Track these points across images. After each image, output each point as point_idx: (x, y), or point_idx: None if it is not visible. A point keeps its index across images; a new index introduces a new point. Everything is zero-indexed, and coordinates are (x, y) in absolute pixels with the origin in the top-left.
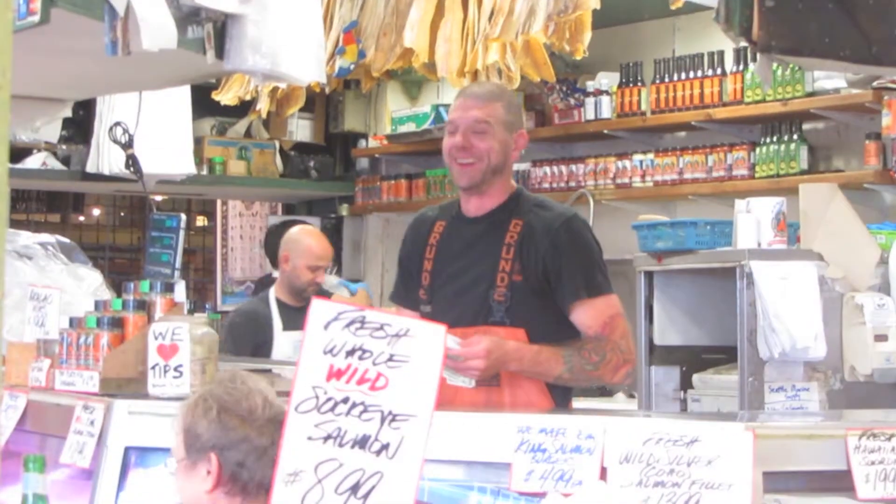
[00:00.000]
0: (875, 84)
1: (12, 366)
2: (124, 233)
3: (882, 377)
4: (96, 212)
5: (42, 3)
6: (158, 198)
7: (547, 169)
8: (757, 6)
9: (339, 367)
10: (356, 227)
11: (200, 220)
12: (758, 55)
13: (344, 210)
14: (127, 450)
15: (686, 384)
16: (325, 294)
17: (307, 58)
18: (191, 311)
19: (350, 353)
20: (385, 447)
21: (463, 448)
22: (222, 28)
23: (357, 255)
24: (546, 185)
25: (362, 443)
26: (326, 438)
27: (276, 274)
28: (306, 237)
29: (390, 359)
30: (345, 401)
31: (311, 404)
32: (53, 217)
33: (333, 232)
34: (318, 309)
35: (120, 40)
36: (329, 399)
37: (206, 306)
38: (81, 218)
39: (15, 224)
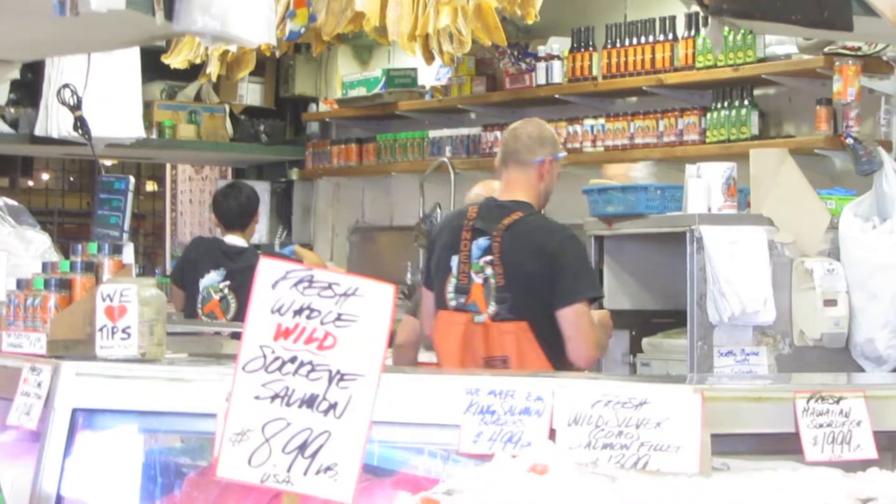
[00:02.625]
0: (826, 49)
1: None
2: (73, 197)
3: (831, 342)
4: (45, 176)
5: None
6: (108, 163)
7: (497, 133)
8: None
9: (287, 326)
10: (306, 191)
11: (150, 186)
12: (709, 19)
13: (294, 174)
14: (75, 411)
15: (635, 348)
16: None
17: (257, 20)
18: (140, 276)
19: (298, 312)
20: (333, 406)
21: (412, 410)
22: None
23: (307, 219)
24: (496, 150)
25: (310, 402)
26: (274, 398)
27: (234, 241)
28: None
29: (338, 318)
30: (292, 360)
31: (259, 364)
32: (2, 181)
33: (283, 196)
34: (266, 268)
35: (68, 0)
36: (277, 358)
37: (156, 271)
38: (30, 182)
39: None
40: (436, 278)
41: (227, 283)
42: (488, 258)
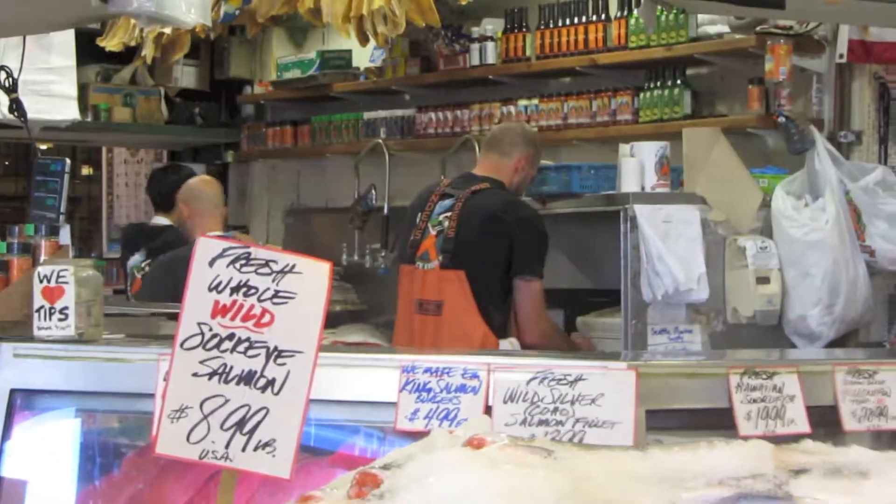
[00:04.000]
0: (758, 29)
1: None
2: (8, 182)
3: (764, 319)
4: None
5: None
6: (44, 147)
7: (432, 115)
8: None
9: (225, 303)
10: (241, 173)
11: (86, 170)
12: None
13: (229, 157)
14: (13, 392)
15: (570, 327)
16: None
17: (192, 1)
18: (77, 258)
19: (235, 289)
20: (271, 383)
21: (349, 388)
22: None
23: (242, 201)
24: (431, 131)
25: (248, 379)
26: (212, 375)
27: (158, 220)
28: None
29: (276, 295)
30: (230, 337)
31: (197, 341)
32: None
33: (219, 179)
34: (204, 245)
35: None
36: (215, 336)
37: (92, 254)
38: None
39: None
40: (402, 236)
41: (148, 261)
42: (448, 213)
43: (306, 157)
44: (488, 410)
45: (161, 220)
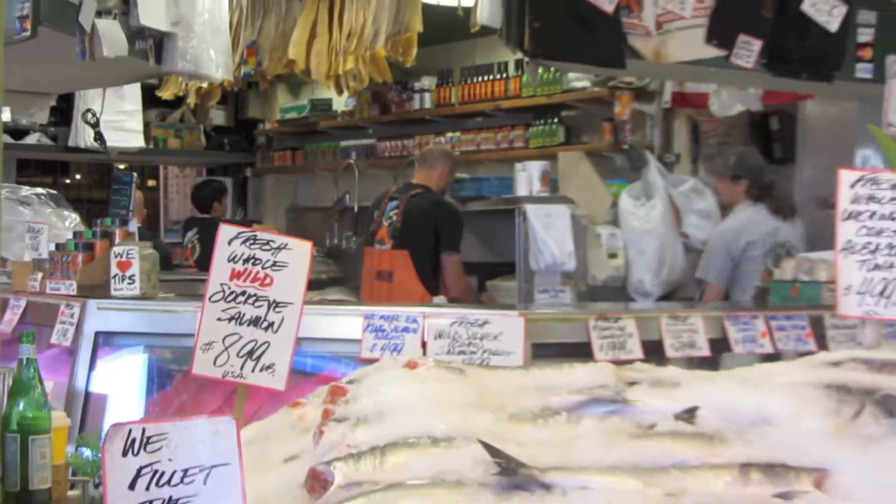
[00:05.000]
0: (609, 83)
1: (16, 278)
2: (95, 190)
3: (613, 282)
4: (77, 176)
5: (31, 23)
6: (121, 166)
7: (388, 143)
8: (527, 27)
9: (239, 270)
10: (257, 184)
11: (150, 182)
12: (528, 62)
13: (248, 172)
14: (97, 333)
15: (482, 288)
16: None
17: (220, 63)
18: (140, 241)
19: (246, 260)
20: (271, 325)
21: (329, 330)
22: (160, 42)
23: (257, 203)
24: (387, 154)
25: (255, 322)
26: (230, 319)
27: (202, 215)
28: None
29: (274, 264)
30: (243, 293)
31: (220, 296)
32: (46, 180)
33: (241, 188)
34: (225, 230)
35: (87, 50)
36: (232, 292)
37: (154, 239)
38: (67, 180)
39: (18, 184)
40: (364, 226)
41: (196, 237)
42: (395, 211)
43: (301, 172)
44: (424, 345)
45: (202, 215)
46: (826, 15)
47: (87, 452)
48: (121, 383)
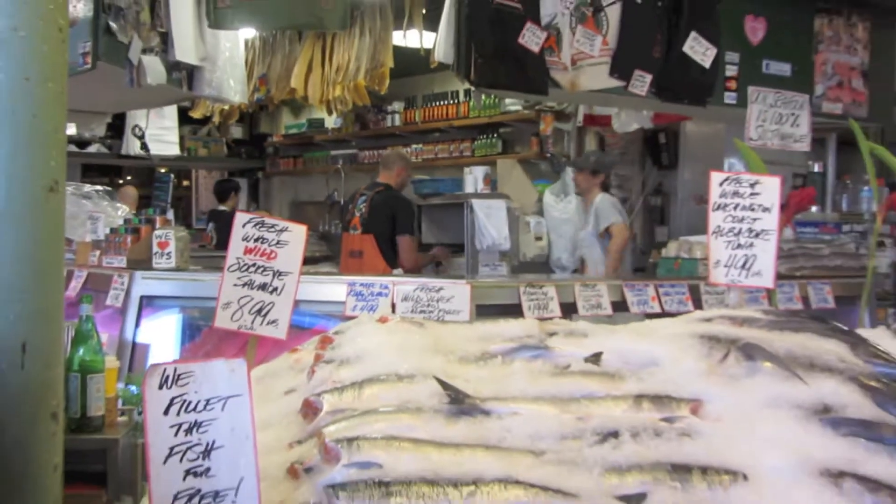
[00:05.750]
0: (536, 107)
1: (79, 255)
2: (142, 189)
3: (538, 259)
4: (128, 177)
5: (92, 58)
6: (163, 170)
7: (367, 152)
8: (473, 63)
9: (250, 247)
10: (266, 184)
11: (185, 182)
12: (473, 90)
13: (260, 175)
14: (141, 297)
15: (439, 264)
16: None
17: (237, 90)
18: (176, 226)
19: (256, 239)
20: (275, 289)
21: (322, 295)
22: (191, 73)
23: (267, 199)
24: (366, 162)
25: (263, 287)
26: (244, 285)
27: (220, 207)
28: None
29: (277, 243)
30: (254, 265)
31: (236, 267)
32: (104, 180)
33: (254, 187)
34: (240, 217)
35: (135, 79)
36: (245, 264)
37: (186, 225)
38: (119, 181)
39: (82, 183)
40: (342, 217)
41: (214, 226)
42: (364, 204)
43: (300, 175)
44: (393, 306)
45: (221, 207)
46: (701, 55)
47: (133, 388)
48: (159, 335)
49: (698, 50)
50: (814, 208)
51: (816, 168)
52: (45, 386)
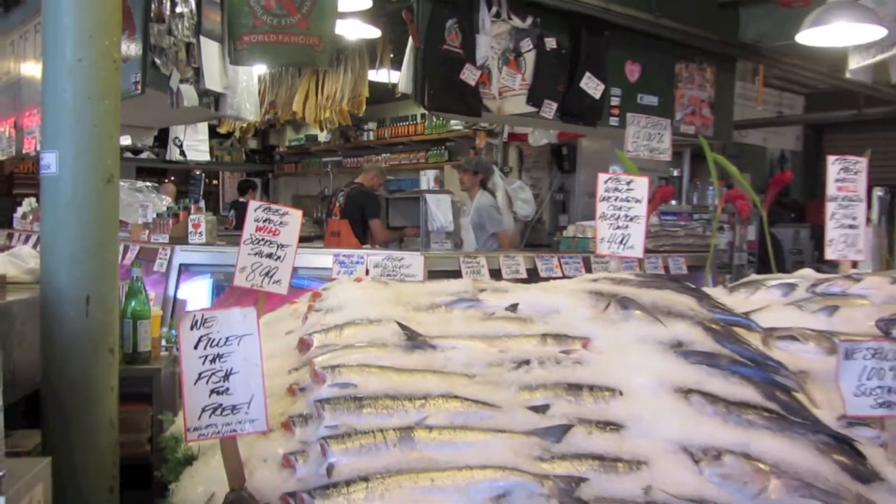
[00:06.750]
0: (473, 127)
1: (133, 233)
2: (181, 185)
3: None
4: (171, 176)
5: (141, 85)
6: (196, 171)
7: (349, 159)
8: (426, 93)
9: (260, 226)
10: (275, 183)
11: (214, 181)
12: (427, 113)
13: (270, 176)
14: (180, 265)
15: (402, 241)
16: None
17: (252, 112)
18: (206, 212)
19: (264, 220)
20: (278, 258)
21: (315, 263)
22: (218, 98)
23: (276, 194)
24: (349, 166)
25: (269, 256)
26: (256, 254)
27: (241, 199)
28: None
29: (280, 223)
30: (262, 240)
31: (249, 241)
32: (153, 179)
33: (266, 185)
34: (252, 204)
35: (174, 102)
36: (256, 239)
37: (213, 213)
38: (165, 179)
39: (136, 180)
40: (328, 207)
41: (234, 213)
42: (343, 197)
43: (301, 176)
44: (367, 271)
45: (241, 199)
46: (593, 90)
47: (173, 331)
48: (193, 293)
49: (591, 85)
50: (673, 202)
51: (675, 172)
52: (104, 328)
